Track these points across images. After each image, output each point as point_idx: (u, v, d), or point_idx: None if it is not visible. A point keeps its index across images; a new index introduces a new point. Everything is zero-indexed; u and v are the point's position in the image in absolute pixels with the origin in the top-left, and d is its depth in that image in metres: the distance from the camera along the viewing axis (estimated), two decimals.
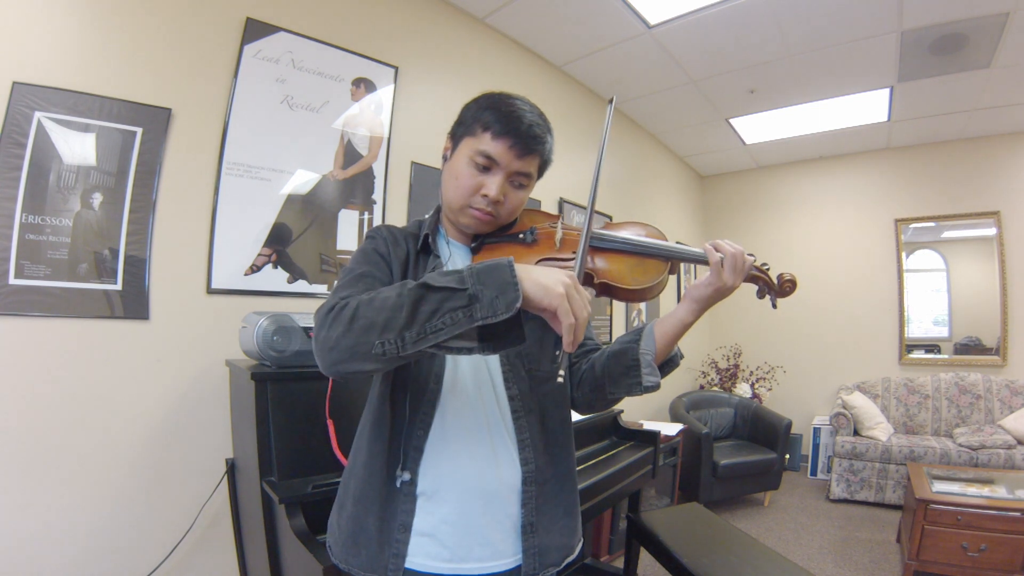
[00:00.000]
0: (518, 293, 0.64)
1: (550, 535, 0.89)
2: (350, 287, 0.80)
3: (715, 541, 1.90)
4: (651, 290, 0.88)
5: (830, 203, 5.03)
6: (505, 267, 0.66)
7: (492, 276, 0.65)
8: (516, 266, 0.67)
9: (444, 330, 0.65)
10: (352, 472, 0.91)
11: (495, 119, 0.85)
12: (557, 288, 0.65)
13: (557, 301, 0.65)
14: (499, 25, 2.96)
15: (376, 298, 0.68)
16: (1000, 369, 4.16)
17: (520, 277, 0.66)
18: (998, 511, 2.50)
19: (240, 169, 1.91)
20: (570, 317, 0.65)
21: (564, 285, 0.66)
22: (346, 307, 0.69)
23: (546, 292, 0.65)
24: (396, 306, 0.65)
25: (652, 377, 0.90)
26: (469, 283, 0.65)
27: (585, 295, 0.68)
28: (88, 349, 1.59)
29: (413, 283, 0.67)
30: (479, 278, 0.65)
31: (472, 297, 0.64)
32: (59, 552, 1.51)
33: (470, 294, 0.64)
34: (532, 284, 0.66)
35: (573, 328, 0.65)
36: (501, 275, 0.65)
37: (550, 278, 0.66)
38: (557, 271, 0.68)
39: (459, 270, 0.68)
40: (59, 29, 1.55)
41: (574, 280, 0.67)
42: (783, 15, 2.77)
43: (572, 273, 0.69)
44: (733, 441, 4.15)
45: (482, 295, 0.64)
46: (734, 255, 0.86)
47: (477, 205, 0.88)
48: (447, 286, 0.65)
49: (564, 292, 0.65)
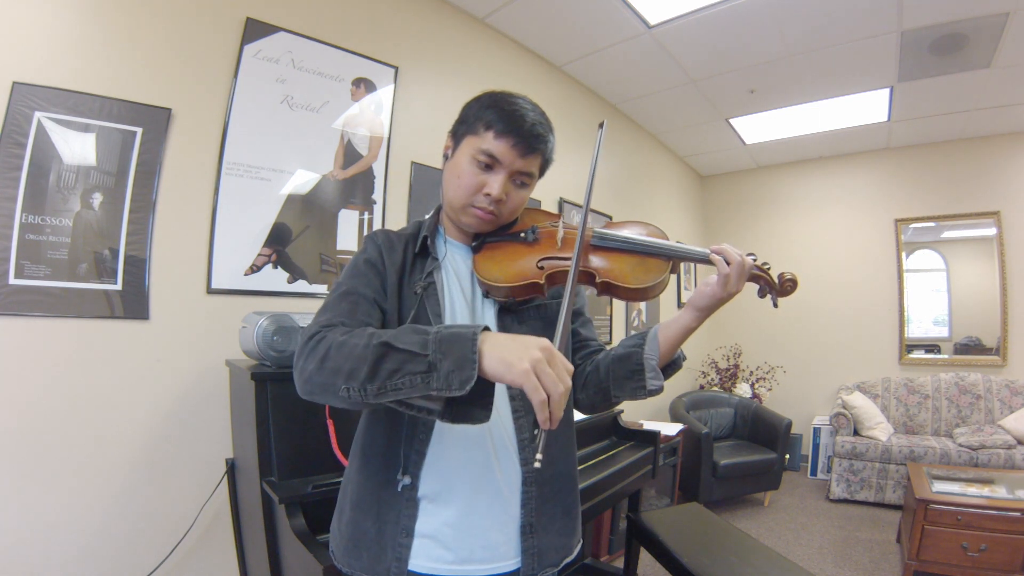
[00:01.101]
0: (473, 372, 0.62)
1: (549, 535, 0.89)
2: (333, 308, 0.81)
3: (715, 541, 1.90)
4: (653, 289, 0.88)
5: (830, 203, 5.03)
6: (467, 340, 0.63)
7: (453, 347, 0.63)
8: (486, 336, 0.64)
9: (403, 390, 0.64)
10: (349, 478, 0.91)
11: (497, 118, 0.85)
12: (522, 364, 0.60)
13: (521, 379, 0.60)
14: (499, 25, 2.96)
15: (347, 343, 0.68)
16: (1000, 369, 4.16)
17: (482, 351, 0.62)
18: (998, 511, 2.50)
19: (240, 169, 1.91)
20: (539, 394, 0.60)
21: (532, 360, 0.60)
22: (321, 342, 0.70)
23: (509, 368, 0.61)
24: (361, 357, 0.65)
25: (656, 381, 0.90)
26: (431, 349, 0.63)
27: (563, 365, 0.63)
28: (88, 349, 1.59)
29: (380, 337, 0.66)
30: (441, 346, 0.63)
31: (431, 365, 0.63)
32: (59, 552, 1.51)
33: (429, 361, 0.63)
34: (494, 360, 0.62)
35: (544, 405, 0.60)
36: (462, 348, 0.63)
37: (515, 353, 0.61)
38: (531, 341, 0.63)
39: (426, 331, 0.66)
40: (59, 29, 1.55)
41: (548, 351, 0.62)
42: (783, 15, 2.77)
43: (547, 343, 0.63)
44: (733, 441, 4.15)
45: (440, 366, 0.63)
46: (740, 263, 0.86)
47: (479, 204, 0.88)
48: (409, 349, 0.64)
49: (530, 368, 0.60)
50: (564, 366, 0.63)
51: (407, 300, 0.88)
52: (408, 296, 0.88)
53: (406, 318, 0.86)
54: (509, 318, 0.93)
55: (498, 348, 0.63)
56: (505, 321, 0.93)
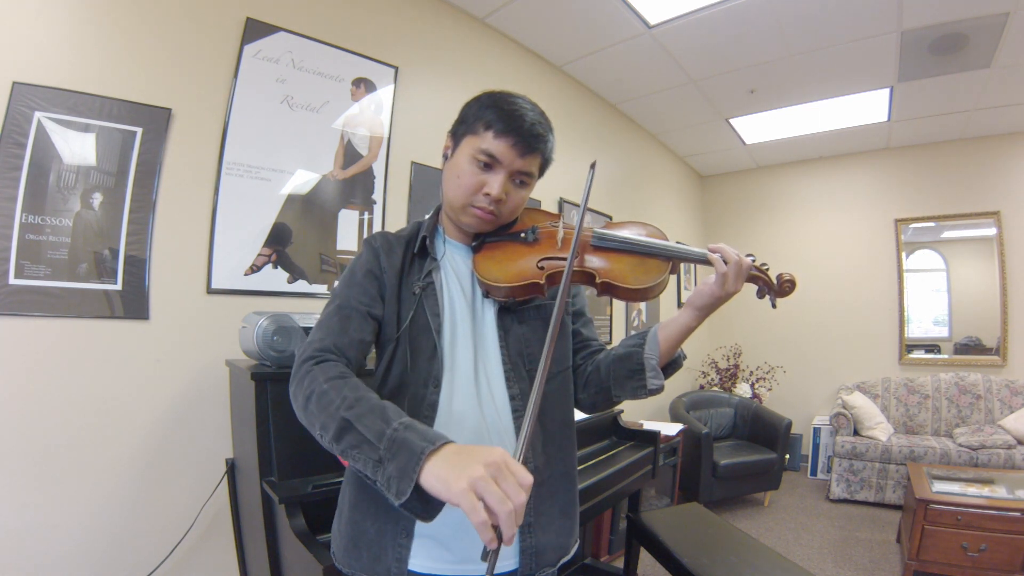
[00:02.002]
0: (408, 487, 0.60)
1: (546, 535, 0.89)
2: (326, 325, 0.84)
3: (715, 541, 1.90)
4: (652, 290, 0.88)
5: (830, 203, 5.02)
6: (415, 454, 0.61)
7: (400, 455, 0.62)
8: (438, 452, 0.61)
9: (359, 464, 0.66)
10: (349, 479, 0.91)
11: (497, 117, 0.85)
12: (459, 484, 0.56)
13: (457, 499, 0.56)
14: (499, 25, 2.96)
15: (325, 396, 0.71)
16: (1000, 369, 4.16)
17: (424, 468, 0.60)
18: (998, 511, 2.50)
19: (240, 169, 1.91)
20: (477, 515, 0.54)
21: (471, 479, 0.56)
22: (307, 377, 0.75)
23: (447, 488, 0.57)
24: (331, 417, 0.69)
25: (656, 381, 0.90)
26: (383, 447, 0.64)
27: (519, 480, 0.58)
28: (88, 349, 1.59)
29: (350, 408, 0.68)
30: (391, 447, 0.63)
31: (380, 460, 0.64)
32: (59, 552, 1.51)
33: (380, 456, 0.64)
34: (431, 478, 0.59)
35: (486, 526, 0.54)
36: (407, 460, 0.61)
37: (455, 471, 0.58)
38: (479, 456, 0.59)
39: (389, 421, 0.66)
40: (59, 29, 1.55)
41: (496, 467, 0.57)
42: (783, 15, 2.77)
43: (500, 456, 0.59)
44: (733, 441, 4.15)
45: (387, 466, 0.63)
46: (738, 262, 0.86)
47: (479, 204, 0.88)
48: (366, 437, 0.66)
49: (467, 488, 0.56)
50: (517, 480, 0.58)
51: (406, 301, 0.88)
52: (407, 297, 0.88)
53: (405, 319, 0.86)
54: (509, 318, 0.93)
55: (439, 466, 0.60)
56: (505, 321, 0.93)
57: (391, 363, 0.88)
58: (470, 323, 0.91)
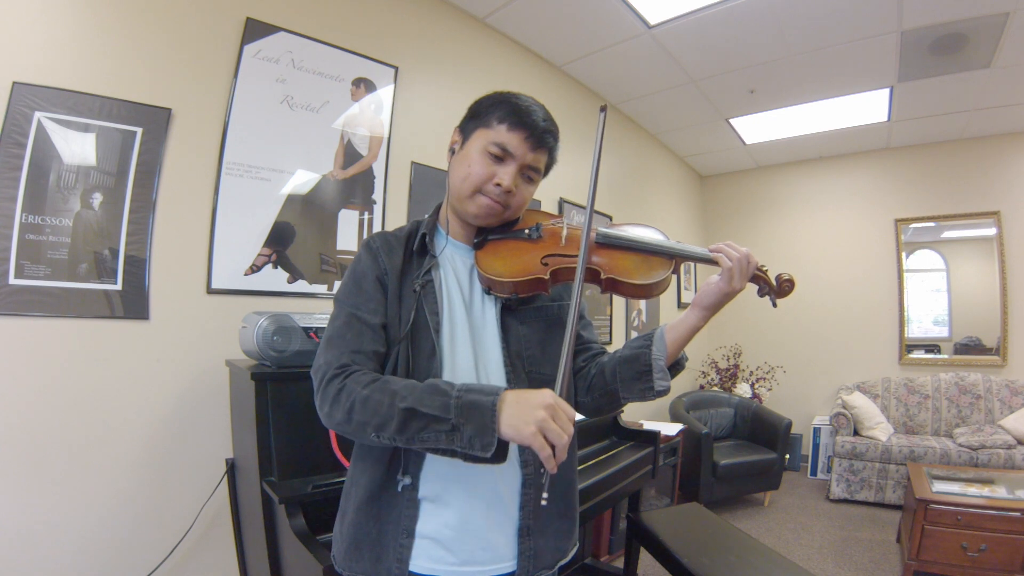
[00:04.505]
0: (493, 439, 0.71)
1: (545, 538, 0.89)
2: (339, 341, 0.83)
3: (715, 541, 1.90)
4: (656, 287, 0.89)
5: (830, 203, 5.03)
6: (487, 409, 0.71)
7: (474, 415, 0.71)
8: (501, 402, 0.72)
9: (430, 442, 0.73)
10: (353, 480, 0.91)
11: (510, 112, 0.87)
12: (528, 428, 0.69)
13: (531, 440, 0.69)
14: (499, 25, 2.96)
15: (371, 399, 0.75)
16: (1000, 369, 4.16)
17: (498, 419, 0.71)
18: (998, 511, 2.50)
19: (240, 169, 1.91)
20: (545, 449, 0.69)
21: (537, 421, 0.69)
22: (342, 392, 0.77)
23: (517, 432, 0.70)
24: (388, 416, 0.73)
25: (664, 382, 0.91)
26: (453, 415, 0.72)
27: (567, 414, 0.72)
28: (88, 349, 1.59)
29: (403, 400, 0.73)
30: (462, 412, 0.72)
31: (454, 427, 0.71)
32: (59, 552, 1.51)
33: (453, 424, 0.71)
34: (507, 426, 0.71)
35: (550, 458, 0.70)
36: (482, 417, 0.71)
37: (523, 417, 0.70)
38: (537, 401, 0.71)
39: (448, 392, 0.73)
40: (59, 29, 1.55)
41: (553, 408, 0.71)
42: (783, 15, 2.77)
43: (551, 397, 0.72)
44: (733, 441, 4.15)
45: (463, 430, 0.71)
46: (740, 259, 0.87)
47: (488, 192, 0.88)
48: (432, 414, 0.72)
49: (536, 430, 0.69)
50: (567, 416, 0.72)
51: (407, 299, 0.88)
52: (408, 295, 0.88)
53: (407, 319, 0.86)
54: (511, 318, 0.93)
55: (508, 415, 0.71)
56: (507, 321, 0.92)
57: (395, 364, 0.88)
58: (468, 322, 0.91)
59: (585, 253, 0.83)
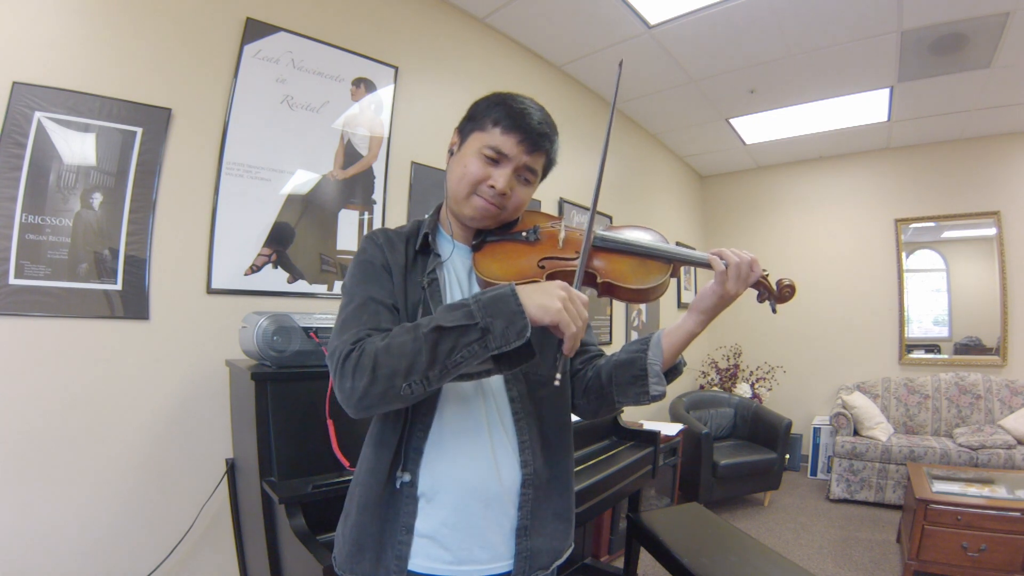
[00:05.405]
0: (526, 320, 0.70)
1: (542, 538, 0.89)
2: (355, 322, 0.80)
3: (715, 541, 1.90)
4: (653, 291, 0.88)
5: (830, 203, 5.02)
6: (509, 296, 0.71)
7: (499, 307, 0.71)
8: (517, 289, 0.72)
9: (464, 362, 0.71)
10: (357, 480, 0.91)
11: (505, 115, 0.87)
12: (555, 304, 0.71)
13: (557, 317, 0.70)
14: (499, 25, 2.96)
15: (392, 344, 0.72)
16: (1000, 369, 4.16)
17: (523, 303, 0.71)
18: (998, 511, 2.50)
19: (240, 169, 1.91)
20: (571, 327, 0.70)
21: (560, 299, 0.71)
22: (363, 355, 0.72)
23: (546, 311, 0.71)
24: (415, 351, 0.70)
25: (659, 387, 0.91)
26: (479, 317, 0.70)
27: (580, 300, 0.73)
28: (88, 349, 1.59)
29: (425, 326, 0.71)
30: (487, 311, 0.71)
31: (484, 330, 0.70)
32: (59, 552, 1.51)
33: (481, 327, 0.70)
34: (534, 307, 0.71)
35: (575, 336, 0.71)
36: (507, 305, 0.71)
37: (547, 296, 0.71)
38: (551, 285, 0.73)
39: (465, 303, 0.72)
40: (59, 29, 1.55)
41: (568, 289, 0.72)
42: (783, 15, 2.77)
43: (564, 284, 0.73)
44: (733, 441, 4.15)
45: (493, 327, 0.70)
46: (738, 264, 0.86)
47: (483, 194, 0.88)
48: (459, 324, 0.70)
49: (562, 306, 0.70)
50: (581, 300, 0.74)
51: (412, 295, 0.88)
52: (413, 291, 0.88)
53: (413, 315, 0.86)
54: None
55: (529, 296, 0.72)
56: None
57: None
58: None
59: (586, 254, 0.83)
